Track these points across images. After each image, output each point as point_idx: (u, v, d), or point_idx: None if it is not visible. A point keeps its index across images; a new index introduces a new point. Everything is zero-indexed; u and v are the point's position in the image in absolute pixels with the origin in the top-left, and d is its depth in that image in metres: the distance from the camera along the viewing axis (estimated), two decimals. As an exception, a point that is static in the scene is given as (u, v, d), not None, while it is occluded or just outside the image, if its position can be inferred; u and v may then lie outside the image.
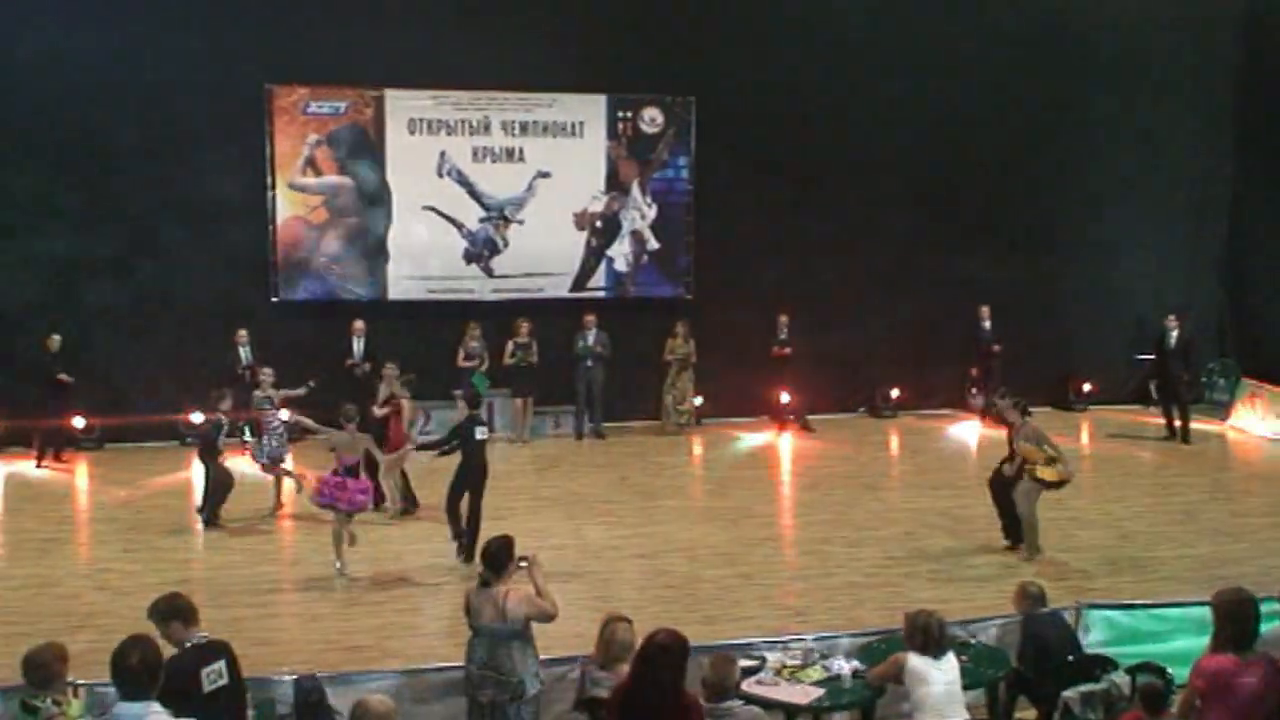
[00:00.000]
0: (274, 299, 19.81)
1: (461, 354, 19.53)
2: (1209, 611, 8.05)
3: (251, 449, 15.78)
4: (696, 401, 20.87)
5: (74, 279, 19.09)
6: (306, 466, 15.80)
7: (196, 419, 15.18)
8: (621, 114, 20.87)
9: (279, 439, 15.76)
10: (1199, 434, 20.38)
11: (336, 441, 13.71)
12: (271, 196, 19.64)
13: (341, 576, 13.18)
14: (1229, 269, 23.57)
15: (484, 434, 13.93)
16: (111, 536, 14.86)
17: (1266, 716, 7.18)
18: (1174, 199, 22.92)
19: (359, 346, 19.00)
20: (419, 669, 9.45)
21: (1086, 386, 22.70)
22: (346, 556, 13.29)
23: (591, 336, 20.16)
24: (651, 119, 20.99)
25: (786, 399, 20.82)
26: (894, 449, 20.30)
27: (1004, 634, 10.00)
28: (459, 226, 20.42)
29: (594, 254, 21.05)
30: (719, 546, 14.44)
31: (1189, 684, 7.75)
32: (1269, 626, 7.76)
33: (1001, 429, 15.20)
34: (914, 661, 8.28)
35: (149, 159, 18.97)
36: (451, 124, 20.25)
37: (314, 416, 15.16)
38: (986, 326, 21.51)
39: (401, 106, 20.02)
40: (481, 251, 20.55)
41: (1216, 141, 23.09)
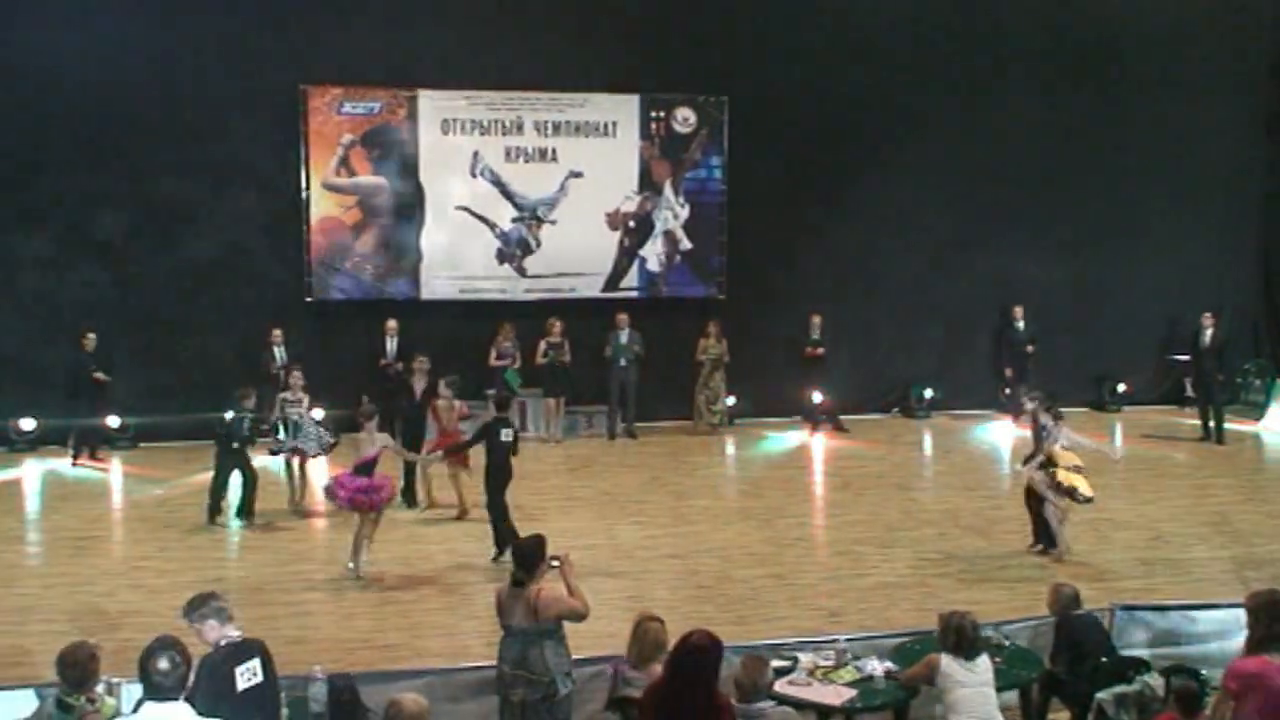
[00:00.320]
0: (308, 299, 19.88)
1: (494, 354, 19.58)
2: (1243, 613, 8.02)
3: (275, 445, 15.88)
4: (729, 401, 20.86)
5: (109, 278, 19.21)
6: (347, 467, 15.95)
7: (229, 417, 15.23)
8: (654, 114, 20.87)
9: (312, 438, 15.83)
10: (1234, 435, 20.23)
11: (361, 440, 13.77)
12: (306, 197, 19.73)
13: (357, 577, 13.17)
14: (1265, 268, 23.43)
15: (509, 436, 13.88)
16: (146, 535, 14.91)
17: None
18: (1209, 198, 22.76)
19: (392, 346, 19.08)
20: (451, 668, 9.46)
21: (1121, 386, 22.59)
22: (363, 560, 13.29)
23: (625, 336, 20.16)
24: (684, 119, 20.98)
25: (819, 399, 20.76)
26: (927, 449, 20.23)
27: (1037, 635, 9.94)
28: (492, 226, 20.45)
29: (626, 254, 21.05)
30: (751, 547, 14.41)
31: (1223, 686, 7.71)
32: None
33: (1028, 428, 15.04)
34: (947, 663, 8.24)
35: (185, 159, 19.04)
36: (485, 124, 20.29)
37: (345, 417, 15.22)
38: (1021, 326, 21.43)
39: (435, 107, 20.07)
40: (514, 251, 20.58)
41: (1252, 141, 22.95)
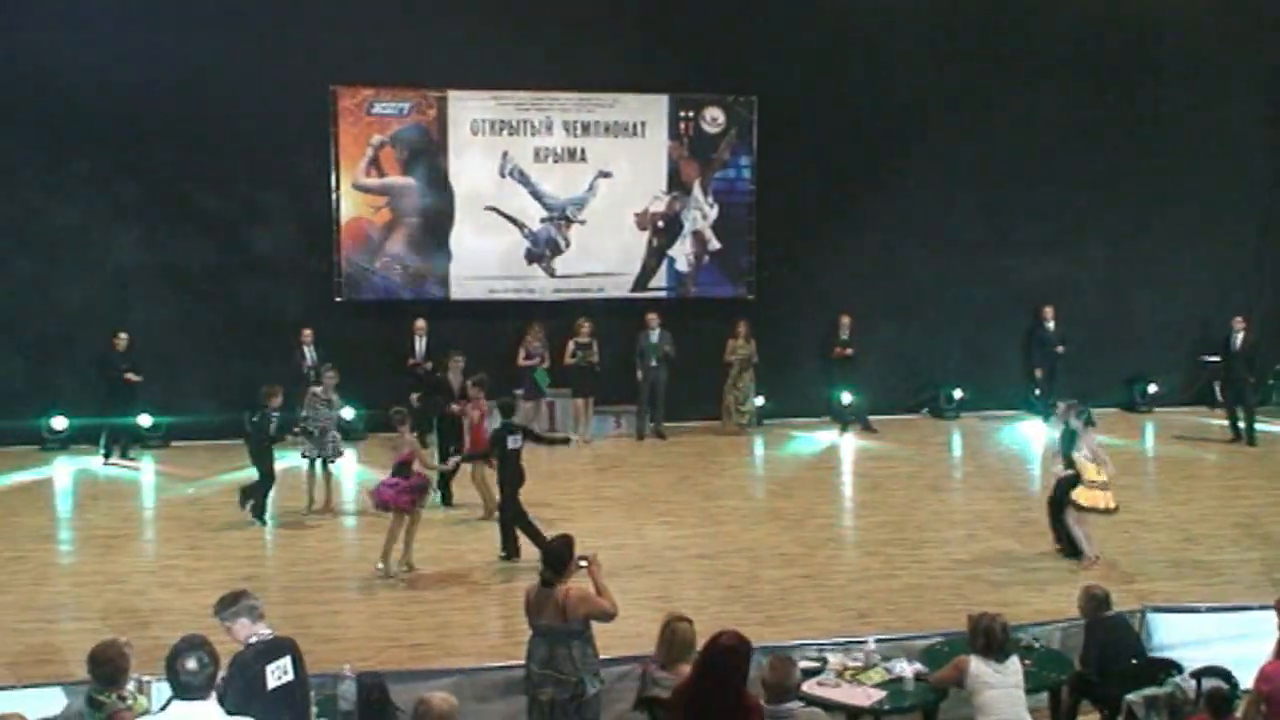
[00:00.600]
0: (338, 299, 19.95)
1: (523, 353, 19.61)
2: (1274, 615, 7.99)
3: (304, 446, 15.96)
4: (758, 402, 20.85)
5: (140, 278, 19.31)
6: (377, 466, 15.99)
7: (256, 417, 15.34)
8: (683, 114, 20.86)
9: (332, 440, 15.96)
10: (1265, 436, 20.08)
11: (395, 442, 13.84)
12: (336, 197, 19.79)
13: (386, 576, 13.23)
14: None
15: (515, 443, 13.84)
16: (177, 533, 14.99)
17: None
18: (1239, 199, 22.63)
19: (421, 346, 19.17)
20: (480, 667, 9.50)
21: (1151, 388, 22.50)
22: (395, 556, 13.37)
23: (656, 336, 20.16)
24: (713, 119, 20.98)
25: (848, 399, 20.75)
26: (956, 450, 20.17)
27: (1067, 637, 9.93)
28: (521, 227, 20.48)
29: (655, 254, 21.05)
30: (780, 547, 14.40)
31: (1254, 688, 7.69)
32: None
33: None
34: (976, 665, 8.24)
35: (216, 160, 19.13)
36: (514, 124, 20.32)
37: (374, 416, 15.25)
38: (1051, 327, 21.37)
39: (464, 107, 20.12)
40: (543, 251, 20.61)
41: (1283, 141, 22.85)
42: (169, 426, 19.26)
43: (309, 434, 15.83)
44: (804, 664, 8.58)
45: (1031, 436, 20.34)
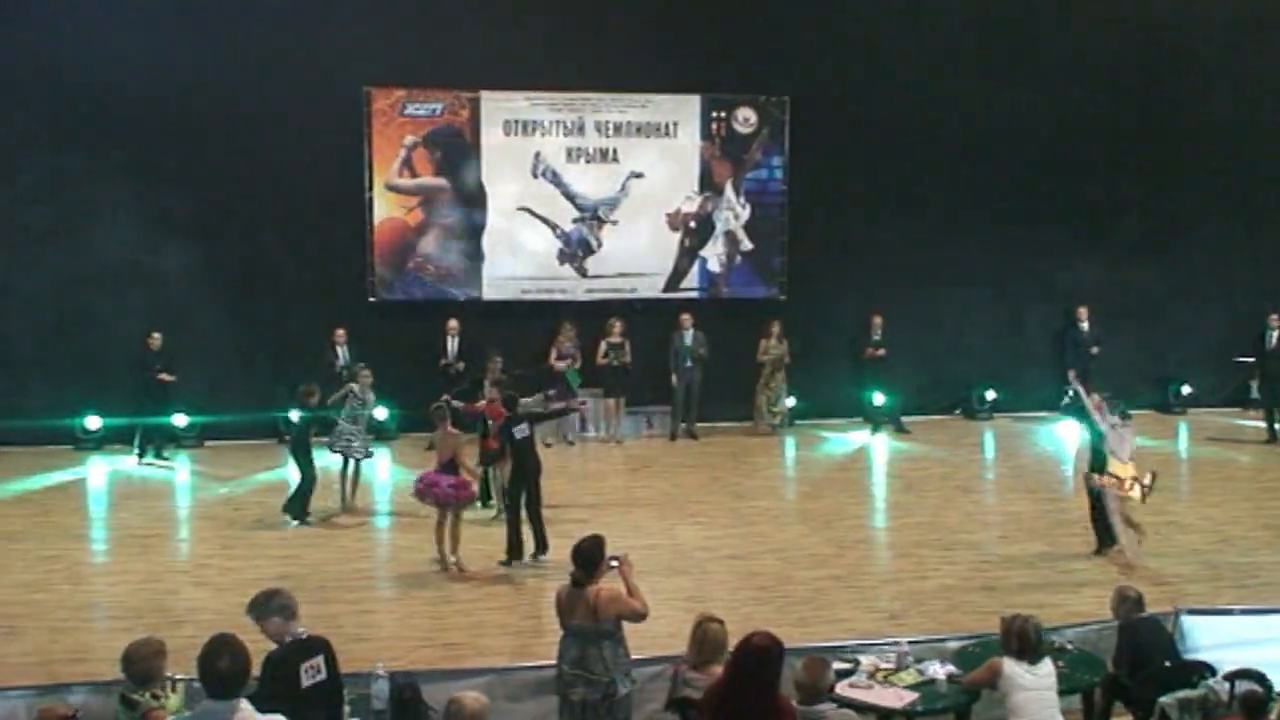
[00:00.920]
0: (371, 299, 20.01)
1: (554, 354, 19.64)
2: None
3: (339, 444, 16.00)
4: (790, 402, 20.82)
5: (173, 278, 19.39)
6: (409, 465, 16.02)
7: (294, 416, 15.39)
8: (715, 114, 20.86)
9: (361, 438, 16.02)
10: (1302, 437, 20.02)
11: (434, 439, 13.82)
12: (369, 198, 19.85)
13: (441, 570, 13.32)
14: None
15: (523, 433, 13.77)
16: (211, 533, 15.05)
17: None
18: (1273, 200, 22.47)
19: (453, 346, 19.24)
20: (511, 667, 9.52)
21: (1185, 389, 22.38)
22: (446, 550, 13.42)
23: (690, 337, 20.16)
24: (745, 119, 20.96)
25: (881, 400, 20.70)
26: (989, 451, 20.10)
27: (1100, 639, 9.87)
28: (553, 227, 20.51)
29: (687, 254, 21.05)
30: (812, 548, 14.37)
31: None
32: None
33: None
34: (1010, 666, 8.21)
35: (250, 161, 19.19)
36: (546, 125, 20.35)
37: (406, 416, 15.26)
38: (1085, 328, 21.27)
39: (497, 108, 20.15)
40: (575, 252, 20.63)
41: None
42: (203, 426, 19.35)
43: (343, 433, 15.88)
44: (836, 665, 8.56)
45: (1065, 437, 20.24)
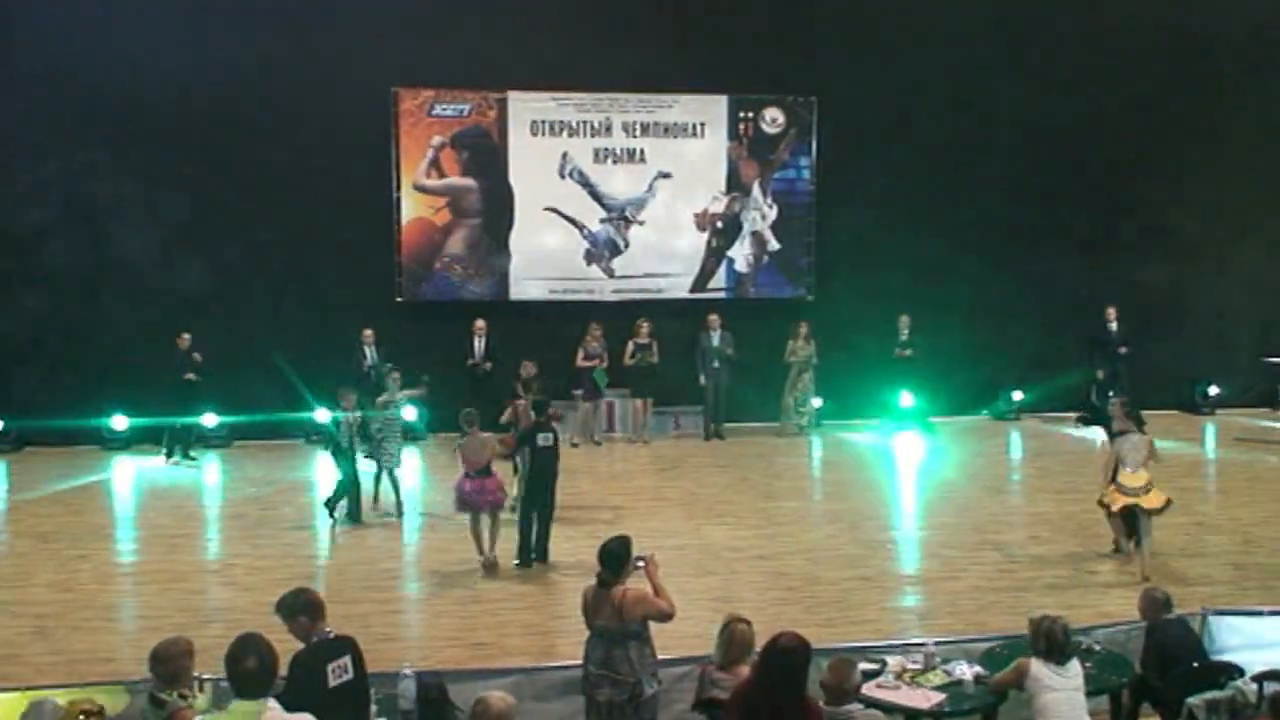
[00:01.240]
0: (398, 299, 20.06)
1: (581, 354, 19.66)
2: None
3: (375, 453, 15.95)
4: (817, 403, 20.79)
5: (202, 279, 19.51)
6: (438, 466, 16.04)
7: (323, 418, 15.37)
8: (742, 114, 20.86)
9: (393, 442, 15.90)
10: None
11: (464, 447, 13.77)
12: (396, 198, 19.91)
13: (488, 567, 13.36)
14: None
15: (547, 440, 13.72)
16: (239, 532, 15.09)
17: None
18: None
19: (480, 346, 19.26)
20: (538, 667, 9.51)
21: (1213, 389, 22.27)
22: (485, 547, 13.48)
23: (717, 337, 20.15)
24: (772, 119, 20.95)
25: (908, 401, 20.66)
26: (1017, 452, 20.05)
27: (1128, 640, 9.83)
28: (580, 227, 20.53)
29: (714, 255, 21.05)
30: (839, 548, 14.33)
31: (1318, 693, 7.59)
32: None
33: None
34: (1037, 667, 8.18)
35: (277, 162, 19.32)
36: (573, 125, 20.38)
37: (435, 417, 15.23)
38: (1114, 328, 21.16)
39: (524, 108, 20.19)
40: (602, 252, 20.65)
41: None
42: (231, 426, 19.43)
43: (376, 440, 15.78)
44: (863, 666, 8.54)
45: (1093, 438, 20.15)
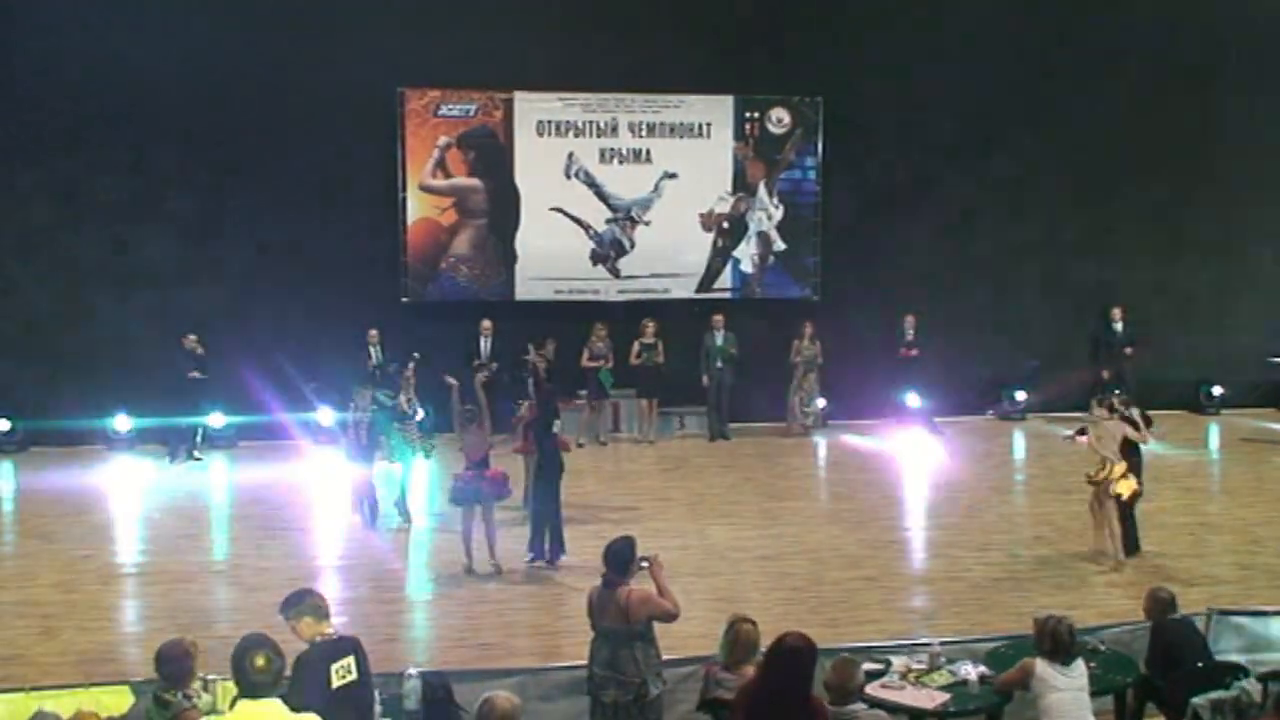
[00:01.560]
0: (404, 299, 20.07)
1: (587, 354, 19.66)
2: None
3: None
4: (822, 403, 20.79)
5: (206, 279, 19.52)
6: (444, 465, 16.11)
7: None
8: (748, 115, 20.85)
9: (411, 443, 15.83)
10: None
11: (465, 442, 13.78)
12: (402, 198, 19.93)
13: (499, 571, 13.31)
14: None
15: (558, 428, 13.91)
16: (244, 532, 15.11)
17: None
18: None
19: (486, 346, 19.26)
20: (543, 667, 9.52)
21: (1218, 390, 22.24)
22: (476, 552, 13.41)
23: (721, 338, 20.15)
24: (779, 119, 20.95)
25: (913, 401, 20.65)
26: (1022, 452, 20.05)
27: (1133, 640, 9.82)
28: (586, 228, 20.55)
29: (720, 255, 21.06)
30: (844, 548, 14.34)
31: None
32: None
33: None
34: (1042, 667, 8.17)
35: (283, 161, 19.33)
36: (579, 126, 20.38)
37: (441, 418, 15.25)
38: (1119, 328, 21.16)
39: (530, 108, 20.20)
40: (608, 252, 20.66)
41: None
42: (237, 426, 19.44)
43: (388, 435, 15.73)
44: (868, 666, 8.54)
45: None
